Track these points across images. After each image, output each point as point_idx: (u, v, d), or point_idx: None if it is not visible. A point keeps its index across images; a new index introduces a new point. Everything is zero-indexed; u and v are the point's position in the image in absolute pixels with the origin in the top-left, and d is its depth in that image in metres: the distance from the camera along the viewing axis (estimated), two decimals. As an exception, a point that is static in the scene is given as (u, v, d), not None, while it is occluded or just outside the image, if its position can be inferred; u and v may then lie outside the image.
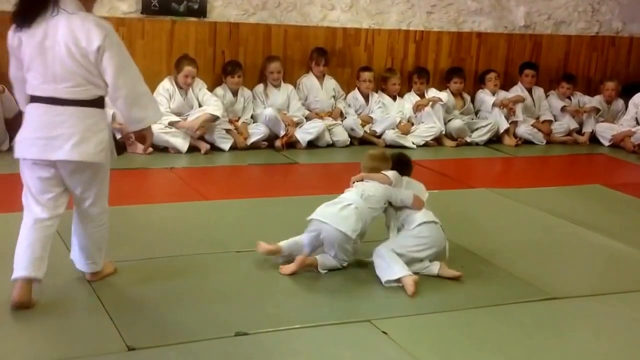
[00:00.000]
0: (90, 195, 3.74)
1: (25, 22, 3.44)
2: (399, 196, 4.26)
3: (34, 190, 3.61)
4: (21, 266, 3.54)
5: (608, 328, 3.76)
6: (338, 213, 4.16)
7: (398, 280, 3.98)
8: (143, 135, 3.81)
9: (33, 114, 3.54)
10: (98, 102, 3.59)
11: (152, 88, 7.02)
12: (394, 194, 4.26)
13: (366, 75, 7.88)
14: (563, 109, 8.61)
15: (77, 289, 3.84)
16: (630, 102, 8.50)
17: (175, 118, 6.96)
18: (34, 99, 3.53)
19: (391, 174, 4.36)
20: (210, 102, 7.06)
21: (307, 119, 7.59)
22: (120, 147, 4.06)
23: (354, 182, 4.40)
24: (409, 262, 4.09)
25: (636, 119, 8.39)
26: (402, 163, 4.59)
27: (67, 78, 3.46)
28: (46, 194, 3.62)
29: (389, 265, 4.04)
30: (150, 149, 6.85)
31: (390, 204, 4.28)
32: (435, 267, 4.17)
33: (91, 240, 3.84)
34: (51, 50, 3.43)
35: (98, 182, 3.75)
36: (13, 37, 3.50)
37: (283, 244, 4.27)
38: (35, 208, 3.62)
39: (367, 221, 4.20)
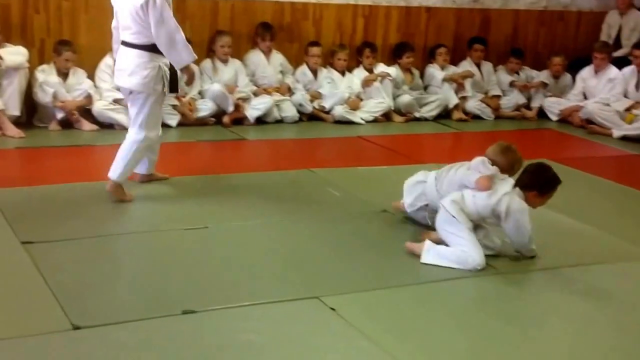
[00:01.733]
0: (133, 116, 4.91)
1: None
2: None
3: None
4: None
5: (556, 302, 3.81)
6: None
7: None
8: (190, 74, 5.10)
9: (118, 52, 4.89)
10: (147, 47, 4.72)
11: (94, 65, 6.87)
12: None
13: (314, 50, 7.81)
14: (511, 84, 8.68)
15: (20, 268, 3.74)
16: (577, 76, 8.60)
17: (119, 95, 6.80)
18: (121, 42, 4.84)
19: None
20: (156, 77, 6.94)
21: (255, 94, 7.50)
22: (174, 86, 4.96)
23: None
24: None
25: (583, 93, 8.49)
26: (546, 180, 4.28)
27: (129, 27, 4.73)
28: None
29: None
30: (96, 126, 6.73)
31: None
32: None
33: (121, 149, 4.91)
34: (123, 8, 4.74)
35: (141, 107, 4.85)
36: None
37: None
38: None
39: None
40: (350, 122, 7.63)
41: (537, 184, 4.21)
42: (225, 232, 4.44)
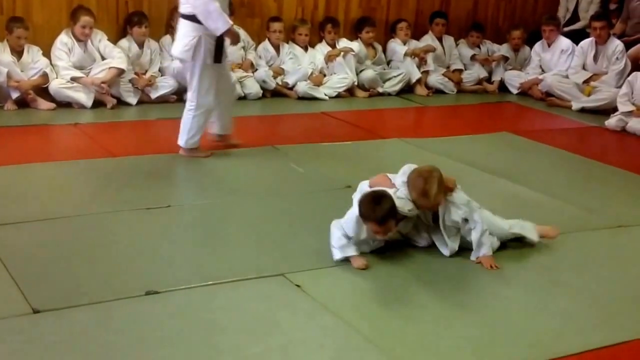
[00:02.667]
0: (187, 84, 5.34)
1: None
2: None
3: None
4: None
5: (516, 273, 3.84)
6: None
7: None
8: (232, 35, 5.20)
9: None
10: (191, 17, 5.09)
11: (50, 43, 6.73)
12: None
13: (276, 25, 7.73)
14: (473, 58, 8.69)
15: (-24, 253, 3.66)
16: (532, 50, 8.66)
17: (77, 73, 6.68)
18: None
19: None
20: (114, 55, 6.81)
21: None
22: (218, 56, 5.19)
23: None
24: None
25: (540, 66, 8.56)
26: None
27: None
28: None
29: None
30: (53, 105, 6.61)
31: None
32: None
33: (182, 116, 5.32)
34: None
35: (191, 75, 5.24)
36: None
37: None
38: None
39: None
40: (313, 98, 7.60)
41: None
42: (188, 211, 4.41)
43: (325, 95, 7.70)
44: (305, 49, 7.93)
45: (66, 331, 3.01)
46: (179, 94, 7.16)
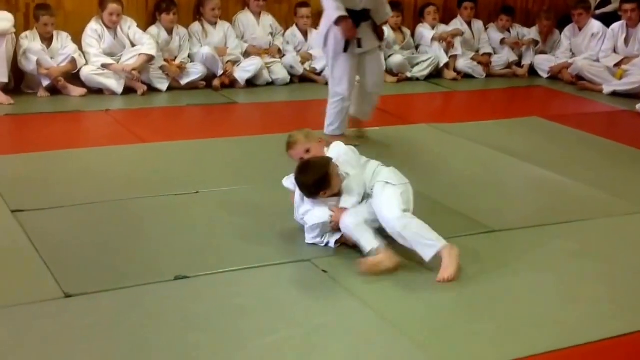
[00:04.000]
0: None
1: None
2: None
3: None
4: None
5: (543, 259, 3.83)
6: None
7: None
8: (344, 27, 5.21)
9: None
10: None
11: (81, 29, 6.80)
12: None
13: (304, 11, 7.73)
14: (502, 42, 8.62)
15: (11, 237, 3.75)
16: (563, 34, 8.57)
17: (108, 60, 6.76)
18: None
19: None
20: (144, 41, 6.87)
21: (245, 55, 7.45)
22: (347, 45, 5.24)
23: None
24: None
25: (571, 50, 8.47)
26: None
27: None
28: None
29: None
30: (84, 90, 6.69)
31: None
32: None
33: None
34: None
35: (327, 63, 5.65)
36: None
37: None
38: None
39: None
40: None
41: None
42: (216, 197, 4.45)
43: (354, 80, 7.69)
44: (334, 34, 7.92)
45: (97, 315, 3.06)
46: (208, 80, 7.22)
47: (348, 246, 3.74)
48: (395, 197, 3.63)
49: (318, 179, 3.67)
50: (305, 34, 7.80)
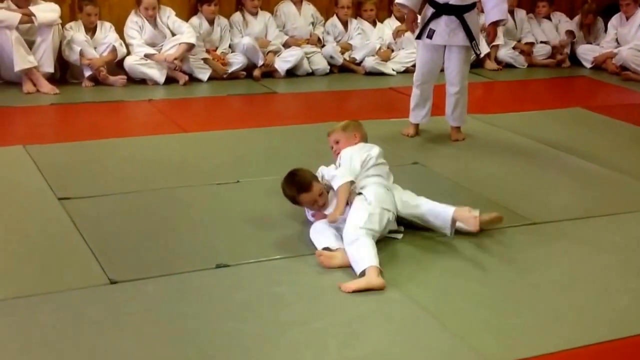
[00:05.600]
0: None
1: None
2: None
3: None
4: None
5: (585, 252, 3.80)
6: None
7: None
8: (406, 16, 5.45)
9: None
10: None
11: (125, 19, 6.88)
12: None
13: (344, 1, 7.73)
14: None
15: (58, 224, 3.82)
16: (609, 23, 8.44)
17: (150, 50, 6.84)
18: None
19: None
20: (183, 30, 6.94)
21: (285, 46, 7.48)
22: (477, 51, 5.43)
23: None
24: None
25: (616, 39, 8.33)
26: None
27: None
28: None
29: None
30: (125, 78, 6.77)
31: None
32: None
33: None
34: None
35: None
36: None
37: None
38: None
39: None
40: (381, 74, 7.59)
41: None
42: (256, 186, 4.48)
43: (393, 70, 7.68)
44: (374, 24, 7.91)
45: (141, 301, 3.12)
46: (249, 71, 7.26)
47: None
48: (362, 212, 3.59)
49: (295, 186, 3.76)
50: (345, 25, 7.80)
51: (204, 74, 7.04)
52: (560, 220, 4.14)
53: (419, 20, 5.33)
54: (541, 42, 8.53)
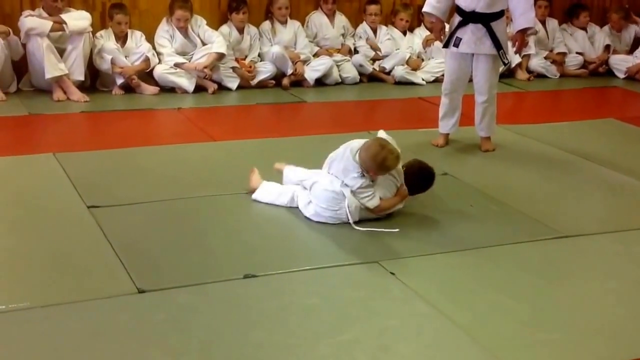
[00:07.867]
0: None
1: None
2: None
3: None
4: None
5: (618, 266, 3.73)
6: None
7: None
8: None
9: None
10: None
11: (155, 27, 6.92)
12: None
13: (372, 8, 7.71)
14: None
15: (87, 232, 3.83)
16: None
17: (180, 59, 6.87)
18: None
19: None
20: (213, 39, 6.95)
21: (316, 55, 7.47)
22: (504, 60, 5.34)
23: None
24: None
25: (651, 49, 8.24)
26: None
27: None
28: None
29: None
30: (157, 89, 6.80)
31: None
32: None
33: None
34: None
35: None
36: None
37: None
38: None
39: None
40: (411, 83, 7.55)
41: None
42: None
43: (423, 80, 7.64)
44: (404, 33, 7.88)
45: (169, 311, 3.11)
46: (278, 79, 7.26)
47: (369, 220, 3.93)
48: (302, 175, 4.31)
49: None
50: (374, 32, 7.77)
51: (233, 83, 7.06)
52: (592, 234, 4.08)
53: (447, 29, 5.26)
54: (576, 52, 8.44)
